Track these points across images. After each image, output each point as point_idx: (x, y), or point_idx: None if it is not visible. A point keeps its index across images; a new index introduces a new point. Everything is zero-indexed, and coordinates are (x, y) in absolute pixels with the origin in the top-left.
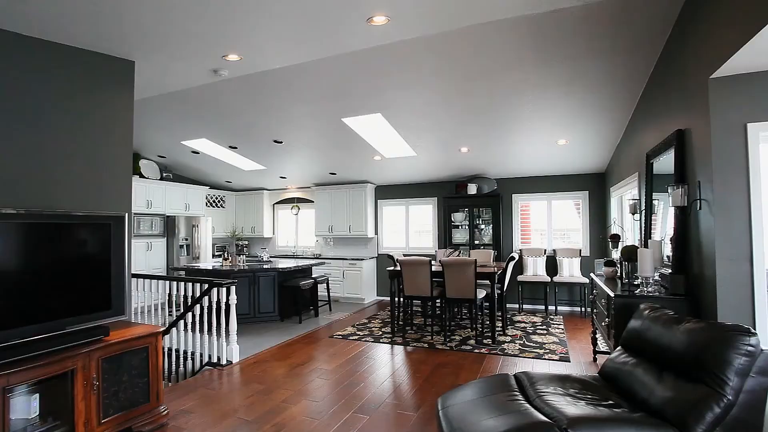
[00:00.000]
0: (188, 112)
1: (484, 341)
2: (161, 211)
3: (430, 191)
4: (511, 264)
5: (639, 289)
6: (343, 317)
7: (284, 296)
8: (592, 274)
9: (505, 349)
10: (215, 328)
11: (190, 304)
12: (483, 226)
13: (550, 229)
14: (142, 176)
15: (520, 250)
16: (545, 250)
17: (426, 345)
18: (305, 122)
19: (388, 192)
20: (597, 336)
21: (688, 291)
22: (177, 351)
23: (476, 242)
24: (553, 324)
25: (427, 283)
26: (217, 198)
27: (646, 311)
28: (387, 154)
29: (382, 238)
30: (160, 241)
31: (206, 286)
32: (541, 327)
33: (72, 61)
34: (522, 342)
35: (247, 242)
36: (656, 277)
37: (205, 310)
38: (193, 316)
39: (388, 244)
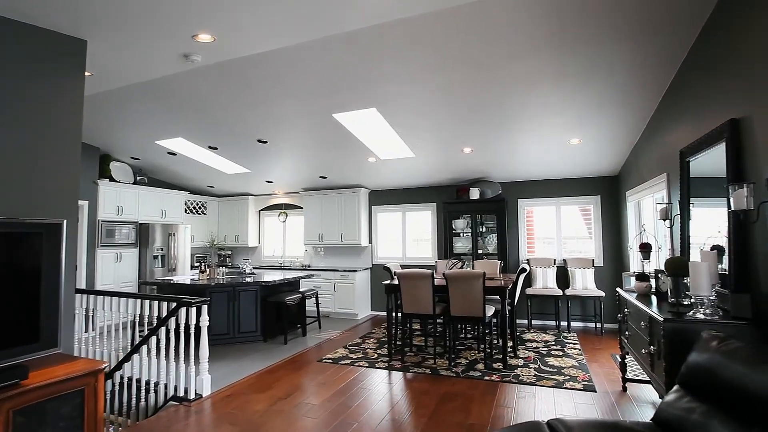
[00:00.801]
0: (161, 107)
1: (494, 365)
2: (133, 218)
3: (429, 196)
4: (522, 276)
5: (691, 311)
6: (335, 336)
7: (268, 313)
8: (620, 290)
9: (520, 375)
10: (184, 355)
11: (154, 326)
12: (487, 234)
13: (559, 237)
14: (112, 179)
15: (527, 260)
16: (555, 260)
17: (428, 370)
18: (292, 119)
19: (383, 197)
20: (627, 361)
21: (756, 315)
22: (138, 382)
23: (479, 252)
24: (568, 343)
25: (428, 300)
26: (197, 204)
27: (714, 342)
28: (383, 155)
29: (377, 247)
30: (131, 251)
31: (174, 305)
32: (555, 347)
33: (4, 33)
34: (537, 366)
35: (230, 252)
36: (712, 297)
37: (172, 334)
38: (158, 340)
39: (383, 254)
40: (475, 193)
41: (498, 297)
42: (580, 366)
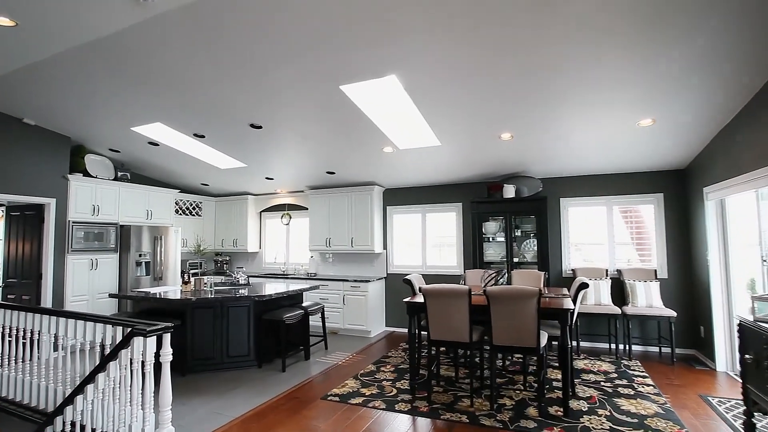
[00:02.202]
0: (131, 85)
1: (551, 410)
2: (113, 219)
3: (454, 195)
4: (582, 294)
5: None
6: (343, 360)
7: (263, 333)
8: (746, 319)
9: (589, 427)
10: (140, 397)
11: (98, 362)
12: (523, 239)
13: (611, 243)
14: (87, 174)
15: (572, 269)
16: (607, 271)
17: (465, 417)
18: (289, 94)
19: (399, 196)
20: (757, 420)
21: None
22: (83, 430)
23: (515, 260)
24: (635, 375)
25: (464, 324)
26: (191, 204)
27: None
28: (402, 143)
29: (393, 253)
30: (110, 257)
31: (124, 331)
32: (619, 381)
33: None
34: (607, 413)
35: (228, 258)
36: None
37: (126, 369)
38: (108, 378)
39: (400, 262)
40: (509, 191)
41: (556, 321)
42: (666, 414)
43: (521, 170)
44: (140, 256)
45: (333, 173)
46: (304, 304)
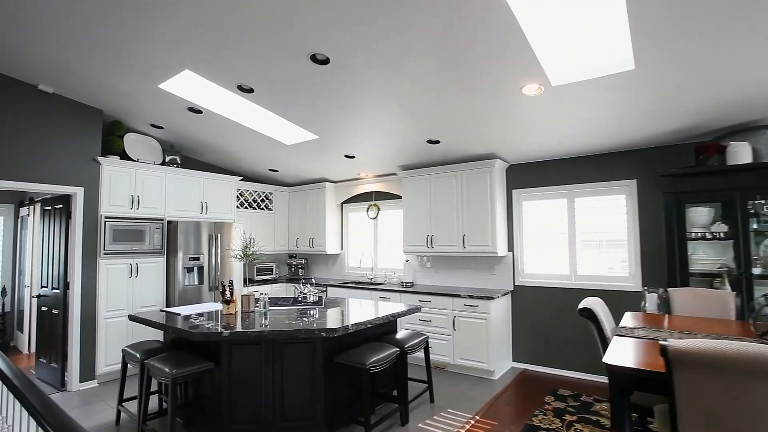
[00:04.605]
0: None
1: None
2: (157, 214)
3: (623, 167)
4: None
5: None
6: (460, 425)
7: (337, 383)
8: None
9: None
10: None
11: None
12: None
13: None
14: (125, 157)
15: None
16: None
17: None
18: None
19: (531, 174)
20: None
21: None
22: None
23: (755, 270)
24: None
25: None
26: (258, 195)
27: None
28: (558, 75)
29: (522, 257)
30: (154, 261)
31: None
32: None
33: None
34: None
35: (304, 261)
36: None
37: None
38: None
39: (533, 269)
40: (742, 152)
41: None
42: None
43: (760, 118)
44: (191, 260)
45: (437, 142)
46: (399, 336)
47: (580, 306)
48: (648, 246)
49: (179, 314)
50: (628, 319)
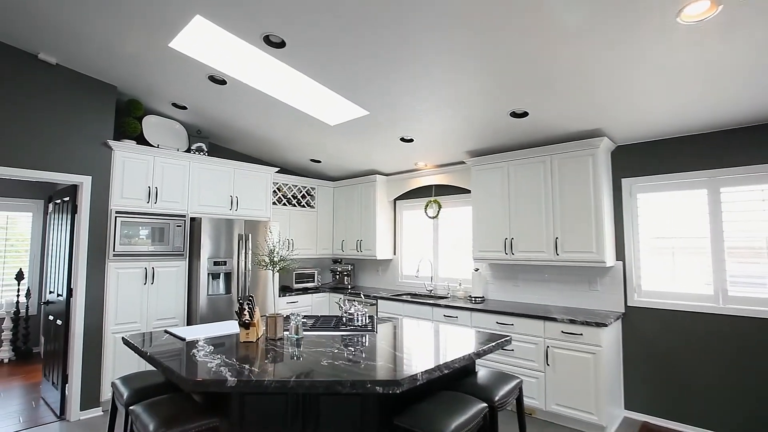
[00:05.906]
0: None
1: None
2: (179, 209)
3: None
4: None
5: None
6: None
7: None
8: None
9: None
10: None
11: None
12: None
13: None
14: (143, 143)
15: None
16: None
17: None
18: None
19: (647, 157)
20: None
21: None
22: None
23: None
24: None
25: None
26: (298, 190)
27: None
28: None
29: (638, 267)
30: (174, 265)
31: None
32: None
33: None
34: None
35: (350, 267)
36: None
37: None
38: None
39: (651, 285)
40: None
41: None
42: None
43: None
44: (215, 264)
45: (523, 115)
46: (480, 379)
47: None
48: None
49: (184, 339)
50: None
